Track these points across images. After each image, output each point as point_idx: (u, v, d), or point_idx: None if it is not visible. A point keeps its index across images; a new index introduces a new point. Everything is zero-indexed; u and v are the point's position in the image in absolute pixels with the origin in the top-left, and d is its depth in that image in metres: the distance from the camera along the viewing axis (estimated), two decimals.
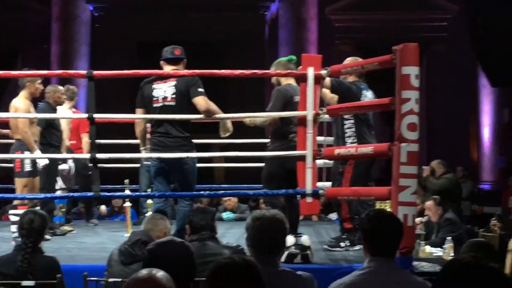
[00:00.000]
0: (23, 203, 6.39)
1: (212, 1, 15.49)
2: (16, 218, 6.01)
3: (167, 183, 5.89)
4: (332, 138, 6.31)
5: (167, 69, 5.83)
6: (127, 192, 7.14)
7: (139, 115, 5.89)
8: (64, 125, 7.51)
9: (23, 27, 15.42)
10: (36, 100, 7.11)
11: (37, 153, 6.42)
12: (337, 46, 15.54)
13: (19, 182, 6.53)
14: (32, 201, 6.46)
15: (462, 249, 3.77)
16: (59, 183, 7.41)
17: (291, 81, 5.86)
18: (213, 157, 8.79)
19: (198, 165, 6.14)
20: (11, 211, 6.62)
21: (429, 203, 7.73)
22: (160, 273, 2.17)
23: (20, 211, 6.01)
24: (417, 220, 7.76)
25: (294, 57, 6.01)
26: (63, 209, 7.49)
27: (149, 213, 6.32)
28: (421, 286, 3.21)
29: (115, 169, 8.29)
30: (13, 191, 6.78)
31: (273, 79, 5.98)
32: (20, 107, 6.57)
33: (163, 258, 2.81)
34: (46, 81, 7.59)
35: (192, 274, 2.97)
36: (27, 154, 6.47)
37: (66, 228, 7.49)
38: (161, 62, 5.92)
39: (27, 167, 6.48)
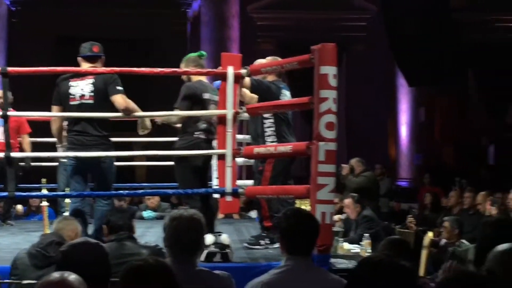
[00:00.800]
0: None
1: None
2: None
3: (84, 182, 5.80)
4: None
5: (85, 66, 5.73)
6: (44, 191, 6.99)
7: (55, 113, 5.77)
8: None
9: None
10: None
11: None
12: (258, 44, 15.62)
13: None
14: None
15: (379, 247, 3.85)
16: None
17: (202, 78, 5.83)
18: (134, 156, 8.68)
19: (119, 163, 6.07)
20: None
21: (347, 201, 7.86)
22: (72, 276, 2.14)
23: None
24: (336, 217, 7.89)
25: (204, 53, 6.00)
26: None
27: (67, 213, 6.22)
28: (336, 283, 3.26)
29: (32, 167, 8.10)
30: None
31: (184, 76, 5.93)
32: None
33: (77, 260, 2.77)
34: None
35: (107, 275, 2.94)
36: None
37: None
38: (79, 59, 5.81)
39: None
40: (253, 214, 7.89)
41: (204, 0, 14.77)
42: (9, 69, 5.34)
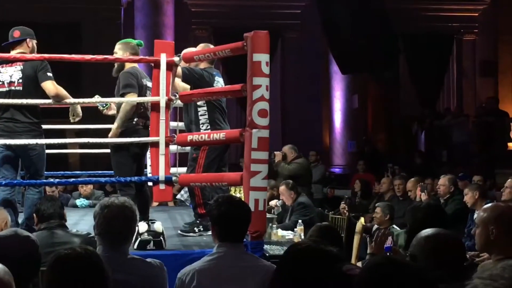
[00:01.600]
0: None
1: None
2: None
3: (14, 170, 5.70)
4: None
5: (13, 52, 5.62)
6: None
7: None
8: None
9: None
10: None
11: None
12: (193, 31, 15.56)
13: None
14: None
15: (309, 233, 3.91)
16: None
17: (136, 65, 5.81)
18: (67, 143, 8.55)
19: (52, 151, 5.98)
20: None
21: (282, 188, 7.93)
22: None
23: None
24: (273, 202, 7.96)
25: (142, 43, 5.97)
26: None
27: None
28: (267, 269, 3.30)
29: None
30: None
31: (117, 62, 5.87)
32: None
33: (6, 252, 2.72)
34: None
35: (37, 268, 2.90)
36: None
37: None
38: (9, 46, 5.71)
39: None
40: (181, 196, 7.84)
41: None
42: None
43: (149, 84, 5.66)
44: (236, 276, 3.28)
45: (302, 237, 6.25)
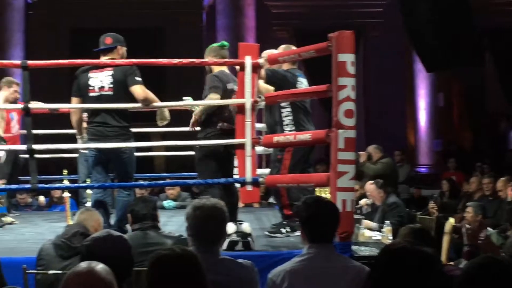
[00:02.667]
0: None
1: None
2: None
3: (105, 173, 5.86)
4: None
5: (104, 58, 5.78)
6: (66, 182, 7.06)
7: (76, 105, 5.83)
8: None
9: None
10: None
11: None
12: (274, 32, 15.59)
13: None
14: None
15: (399, 234, 3.86)
16: None
17: (224, 68, 5.86)
18: (153, 146, 8.74)
19: (138, 154, 6.12)
20: None
21: (371, 187, 7.85)
22: (99, 266, 2.17)
23: None
24: (363, 201, 7.90)
25: (226, 43, 6.02)
26: (2, 200, 7.35)
27: (89, 203, 6.29)
28: (358, 270, 3.29)
29: (53, 159, 8.17)
30: None
31: (207, 66, 5.96)
32: None
33: (100, 253, 2.79)
34: None
35: (130, 267, 2.97)
36: None
37: (8, 219, 7.35)
38: (99, 52, 5.87)
39: None
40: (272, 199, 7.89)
41: None
42: (29, 62, 5.39)
43: (236, 87, 5.71)
44: (327, 277, 3.28)
45: (390, 238, 6.18)
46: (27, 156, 5.51)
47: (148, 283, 2.37)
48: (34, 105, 5.59)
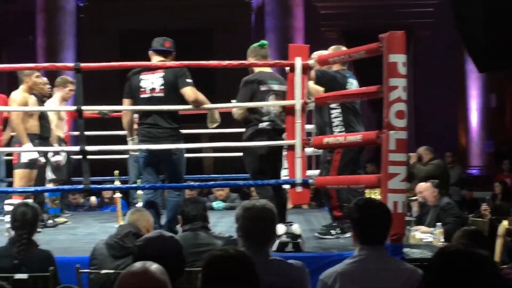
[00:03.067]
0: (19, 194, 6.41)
1: None
2: (11, 209, 6.06)
3: (156, 174, 5.92)
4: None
5: (155, 59, 5.84)
6: (117, 183, 7.16)
7: (127, 107, 5.90)
8: (53, 116, 7.47)
9: (8, 19, 15.31)
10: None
11: (27, 146, 6.40)
12: (323, 33, 15.55)
13: (16, 174, 6.53)
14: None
15: (454, 237, 3.80)
16: (49, 175, 7.41)
17: (263, 68, 5.86)
18: (201, 147, 8.80)
19: (187, 155, 6.16)
20: (6, 201, 6.63)
21: (426, 185, 7.75)
22: (154, 266, 2.19)
23: (16, 201, 6.06)
24: (414, 198, 7.81)
25: (265, 42, 6.01)
26: (56, 201, 7.48)
27: (140, 204, 6.36)
28: (411, 273, 3.25)
29: (103, 160, 8.28)
30: None
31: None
32: (15, 100, 6.57)
33: (153, 253, 2.82)
34: None
35: (181, 268, 2.99)
36: (20, 148, 6.46)
37: (61, 219, 7.48)
38: (150, 52, 5.92)
39: (23, 159, 6.47)
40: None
41: None
42: (82, 64, 5.48)
43: (277, 87, 5.70)
44: (379, 279, 3.25)
45: (442, 240, 6.10)
46: (79, 157, 5.60)
47: (202, 284, 2.38)
48: (87, 107, 5.66)
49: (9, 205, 6.42)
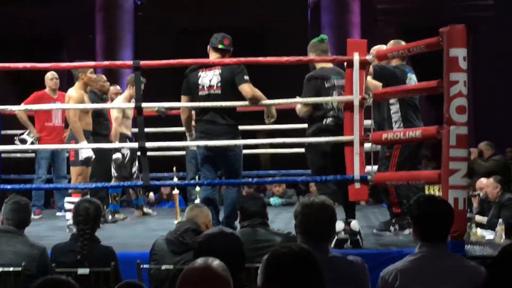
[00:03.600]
0: (77, 191, 6.53)
1: None
2: (71, 206, 6.20)
3: (214, 170, 5.95)
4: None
5: (213, 56, 5.86)
6: (175, 180, 7.22)
7: (185, 103, 5.95)
8: (117, 114, 7.55)
9: (67, 17, 15.58)
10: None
11: (84, 144, 6.52)
12: (379, 28, 15.38)
13: (73, 171, 6.66)
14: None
15: None
16: (112, 172, 7.54)
17: (325, 64, 5.82)
18: (259, 143, 8.84)
19: (244, 151, 6.18)
20: (66, 199, 6.76)
21: (488, 181, 7.62)
22: (215, 262, 2.20)
23: (75, 199, 6.17)
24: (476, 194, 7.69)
25: (325, 36, 5.97)
26: (117, 198, 7.60)
27: (197, 200, 6.41)
28: (474, 270, 3.19)
29: (162, 157, 8.38)
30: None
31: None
32: (72, 96, 6.69)
33: (213, 249, 2.83)
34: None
35: (242, 264, 3.00)
36: (75, 145, 6.58)
37: (121, 216, 7.59)
38: (208, 49, 5.95)
39: (80, 156, 6.58)
40: None
41: None
42: (141, 62, 5.54)
43: (340, 82, 5.67)
44: (441, 277, 3.20)
45: (503, 237, 5.99)
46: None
47: (263, 281, 2.38)
48: (146, 104, 5.73)
49: (69, 202, 6.55)
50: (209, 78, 5.76)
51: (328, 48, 5.88)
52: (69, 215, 6.50)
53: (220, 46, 5.88)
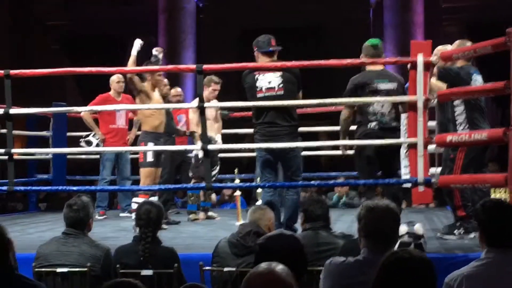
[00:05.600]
0: (145, 192, 6.62)
1: None
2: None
3: (275, 173, 5.97)
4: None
5: (263, 60, 5.89)
6: (237, 181, 7.25)
7: (254, 102, 5.93)
8: (192, 115, 7.59)
9: (130, 20, 15.81)
10: None
11: (151, 145, 6.60)
12: (444, 27, 15.14)
13: (142, 172, 6.75)
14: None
15: None
16: (189, 171, 7.62)
17: (373, 67, 5.75)
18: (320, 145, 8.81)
19: (306, 152, 6.17)
20: (133, 199, 6.86)
21: None
22: (279, 267, 2.18)
23: (141, 199, 6.27)
24: None
25: (377, 41, 5.86)
26: (192, 198, 7.64)
27: (259, 202, 6.42)
28: None
29: (222, 158, 8.42)
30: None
31: None
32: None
33: (274, 252, 2.82)
34: None
35: (304, 267, 2.98)
36: (143, 147, 6.66)
37: (195, 216, 7.64)
38: (256, 53, 5.95)
39: (149, 158, 6.67)
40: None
41: None
42: (204, 66, 5.59)
43: (384, 85, 5.62)
44: (508, 283, 3.13)
45: None
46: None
47: (377, 285, 2.39)
48: (209, 104, 5.79)
49: (135, 203, 6.64)
50: (268, 80, 5.77)
51: (381, 53, 5.79)
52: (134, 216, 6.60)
53: (270, 49, 5.88)
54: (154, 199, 6.72)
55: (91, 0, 15.91)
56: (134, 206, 6.73)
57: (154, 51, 6.96)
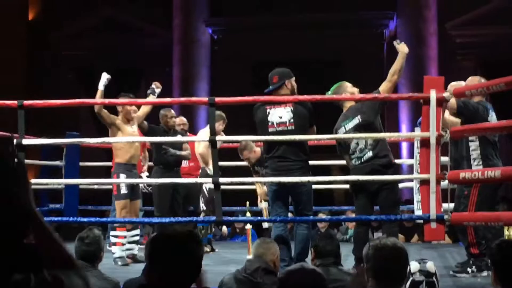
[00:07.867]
0: (122, 225, 6.72)
1: (328, 19, 15.43)
2: (116, 240, 6.64)
3: (286, 207, 5.92)
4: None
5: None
6: (248, 215, 7.20)
7: (259, 137, 5.95)
8: (203, 149, 7.57)
9: (146, 51, 15.92)
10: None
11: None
12: (458, 62, 15.09)
13: (117, 205, 6.80)
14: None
15: None
16: (201, 206, 7.58)
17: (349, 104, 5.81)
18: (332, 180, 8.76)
19: (319, 187, 6.13)
20: (112, 233, 6.86)
21: None
22: None
23: (119, 232, 6.36)
24: None
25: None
26: (203, 231, 7.60)
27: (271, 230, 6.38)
28: None
29: (233, 190, 8.37)
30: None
31: None
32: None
33: (294, 286, 2.78)
34: None
35: None
36: (117, 179, 6.73)
37: (207, 249, 7.59)
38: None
39: (123, 190, 6.71)
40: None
41: (401, 19, 14.60)
42: (217, 99, 5.59)
43: (350, 124, 5.68)
44: None
45: None
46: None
47: None
48: (220, 137, 5.78)
49: (113, 236, 6.82)
50: (279, 115, 5.76)
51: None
52: (115, 249, 6.60)
53: (271, 88, 5.88)
54: (136, 231, 6.95)
55: (107, 30, 16.00)
56: (112, 239, 6.74)
57: (153, 85, 7.07)
